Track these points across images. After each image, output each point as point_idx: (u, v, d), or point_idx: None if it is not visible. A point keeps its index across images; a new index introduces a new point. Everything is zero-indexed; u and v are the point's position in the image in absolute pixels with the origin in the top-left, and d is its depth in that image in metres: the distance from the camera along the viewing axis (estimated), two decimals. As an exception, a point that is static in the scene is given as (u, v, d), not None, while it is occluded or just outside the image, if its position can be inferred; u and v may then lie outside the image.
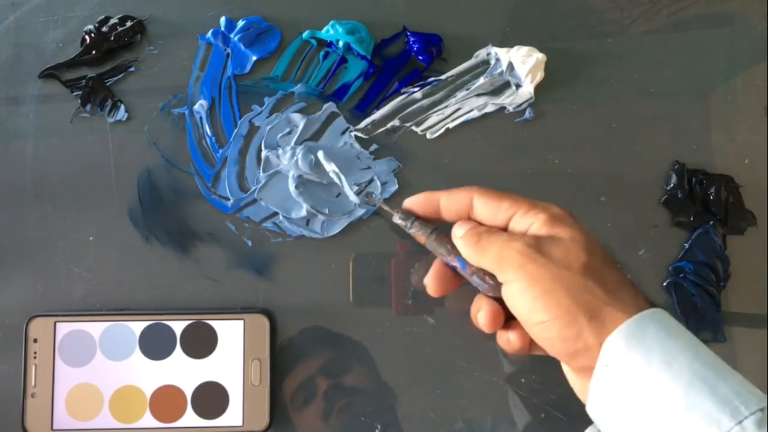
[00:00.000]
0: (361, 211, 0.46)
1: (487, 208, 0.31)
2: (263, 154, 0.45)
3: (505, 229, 0.31)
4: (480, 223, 0.31)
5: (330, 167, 0.44)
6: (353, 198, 0.45)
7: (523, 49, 0.46)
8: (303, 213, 0.45)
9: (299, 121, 0.46)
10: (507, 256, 0.29)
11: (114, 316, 0.44)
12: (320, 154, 0.44)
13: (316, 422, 0.44)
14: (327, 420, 0.44)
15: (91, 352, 0.44)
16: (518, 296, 0.29)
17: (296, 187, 0.45)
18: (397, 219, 0.32)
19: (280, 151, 0.45)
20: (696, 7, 0.48)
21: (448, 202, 0.32)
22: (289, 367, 0.45)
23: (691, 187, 0.46)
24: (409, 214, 0.32)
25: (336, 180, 0.45)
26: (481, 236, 0.30)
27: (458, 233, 0.31)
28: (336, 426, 0.44)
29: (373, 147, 0.46)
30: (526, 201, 0.31)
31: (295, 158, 0.44)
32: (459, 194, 0.32)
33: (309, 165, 0.44)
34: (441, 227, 0.32)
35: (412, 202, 0.32)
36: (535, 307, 0.28)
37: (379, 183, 0.46)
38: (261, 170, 0.46)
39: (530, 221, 0.30)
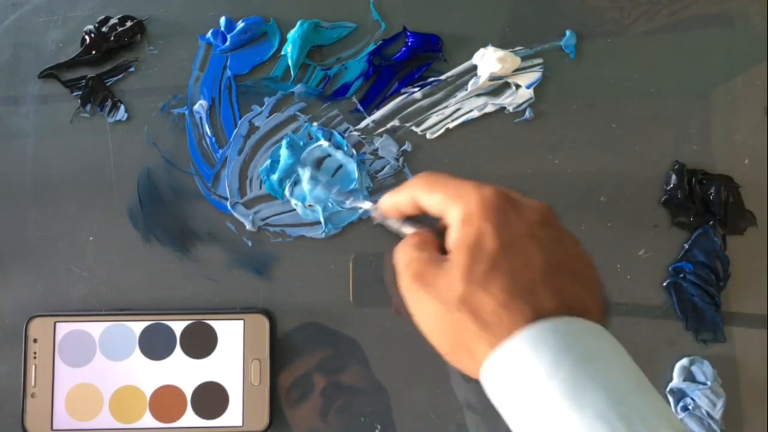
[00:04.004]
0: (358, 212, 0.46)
1: (427, 204, 0.30)
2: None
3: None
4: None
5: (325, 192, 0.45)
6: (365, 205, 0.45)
7: (499, 53, 0.46)
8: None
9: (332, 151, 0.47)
10: (402, 288, 0.29)
11: (114, 316, 0.44)
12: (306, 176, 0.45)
13: (316, 422, 0.44)
14: (326, 419, 0.44)
15: (91, 352, 0.44)
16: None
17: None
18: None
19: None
20: (696, 7, 0.48)
21: (398, 202, 0.32)
22: (289, 367, 0.45)
23: (691, 187, 0.46)
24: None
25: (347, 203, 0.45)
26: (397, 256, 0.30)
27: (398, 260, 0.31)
28: (336, 426, 0.44)
29: (373, 147, 0.46)
30: (454, 192, 0.29)
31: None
32: (404, 193, 0.31)
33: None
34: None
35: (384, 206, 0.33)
36: (429, 340, 0.29)
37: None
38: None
39: (450, 221, 0.29)
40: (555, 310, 0.26)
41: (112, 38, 0.47)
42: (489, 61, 0.46)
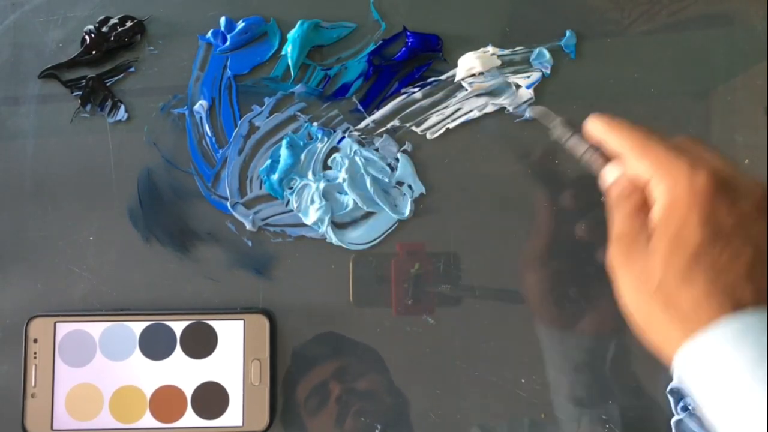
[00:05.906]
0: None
1: (632, 168, 0.30)
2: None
3: None
4: None
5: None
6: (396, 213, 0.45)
7: (478, 53, 0.46)
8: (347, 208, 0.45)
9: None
10: (609, 255, 0.30)
11: (114, 316, 0.44)
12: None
13: (315, 423, 0.44)
14: (327, 421, 0.44)
15: (91, 352, 0.44)
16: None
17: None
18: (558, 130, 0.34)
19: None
20: (696, 7, 0.48)
21: (602, 141, 0.32)
22: (289, 368, 0.45)
23: (691, 187, 0.46)
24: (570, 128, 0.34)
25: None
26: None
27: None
28: (335, 426, 0.44)
29: (373, 147, 0.46)
30: (666, 168, 0.28)
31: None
32: (613, 140, 0.31)
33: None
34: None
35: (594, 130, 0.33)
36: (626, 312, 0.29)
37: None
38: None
39: (656, 196, 0.28)
40: (755, 304, 0.25)
41: (112, 38, 0.47)
42: (468, 60, 0.46)
